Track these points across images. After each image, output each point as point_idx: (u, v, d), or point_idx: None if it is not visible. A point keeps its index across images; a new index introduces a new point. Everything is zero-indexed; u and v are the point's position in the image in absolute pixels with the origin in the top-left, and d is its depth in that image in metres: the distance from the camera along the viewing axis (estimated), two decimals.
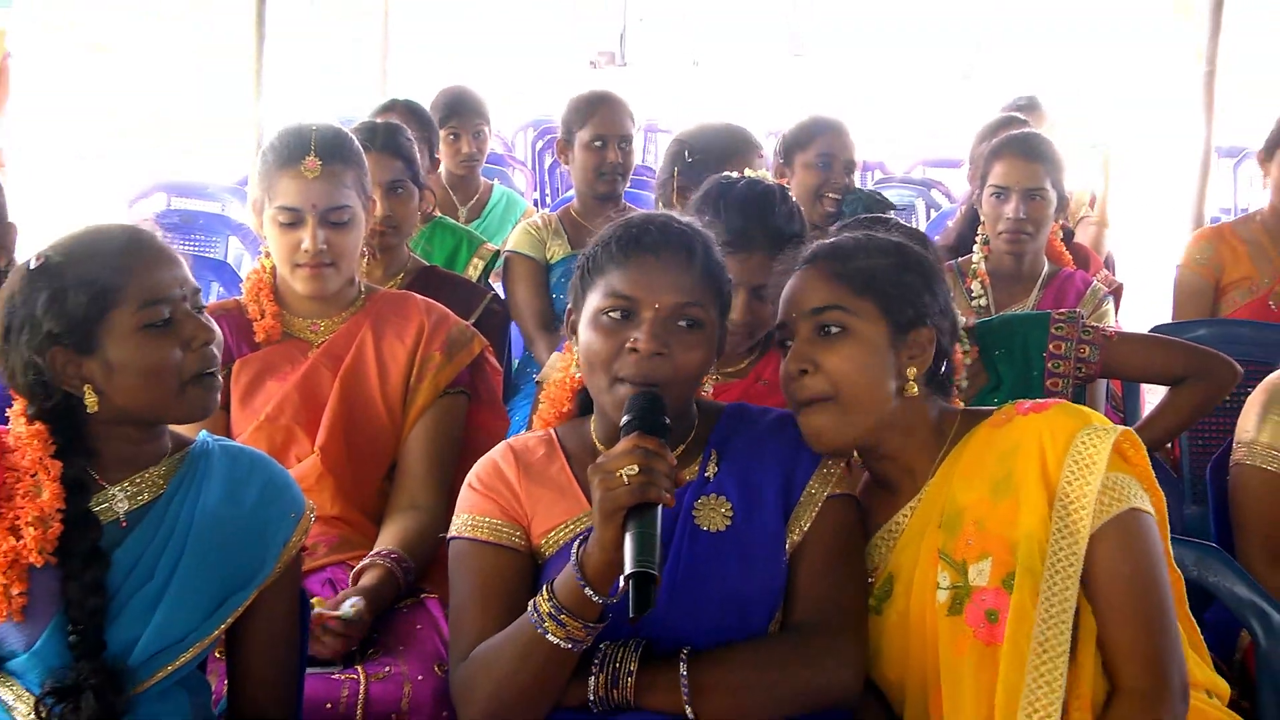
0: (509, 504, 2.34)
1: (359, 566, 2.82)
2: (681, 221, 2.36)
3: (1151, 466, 2.29)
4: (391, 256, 3.89)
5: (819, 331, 2.30)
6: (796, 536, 2.29)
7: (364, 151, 3.21)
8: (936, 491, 2.31)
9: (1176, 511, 2.96)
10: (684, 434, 2.36)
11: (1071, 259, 4.54)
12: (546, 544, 2.32)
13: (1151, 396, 4.06)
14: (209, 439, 2.34)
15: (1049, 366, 3.32)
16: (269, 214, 3.05)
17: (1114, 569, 2.16)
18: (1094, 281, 4.20)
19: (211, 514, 2.23)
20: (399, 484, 3.06)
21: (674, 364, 2.22)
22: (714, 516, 2.28)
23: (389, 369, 3.08)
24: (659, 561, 1.98)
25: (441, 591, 2.71)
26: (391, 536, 2.91)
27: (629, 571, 1.96)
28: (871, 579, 2.35)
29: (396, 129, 3.99)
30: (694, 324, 2.26)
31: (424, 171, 4.10)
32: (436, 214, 4.65)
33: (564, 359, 2.52)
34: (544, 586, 2.13)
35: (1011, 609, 2.14)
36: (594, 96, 4.79)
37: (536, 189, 8.47)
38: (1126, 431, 2.24)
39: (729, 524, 2.27)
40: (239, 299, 3.17)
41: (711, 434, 2.38)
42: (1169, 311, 4.74)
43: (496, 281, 4.54)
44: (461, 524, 2.35)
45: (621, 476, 2.01)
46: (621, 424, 2.14)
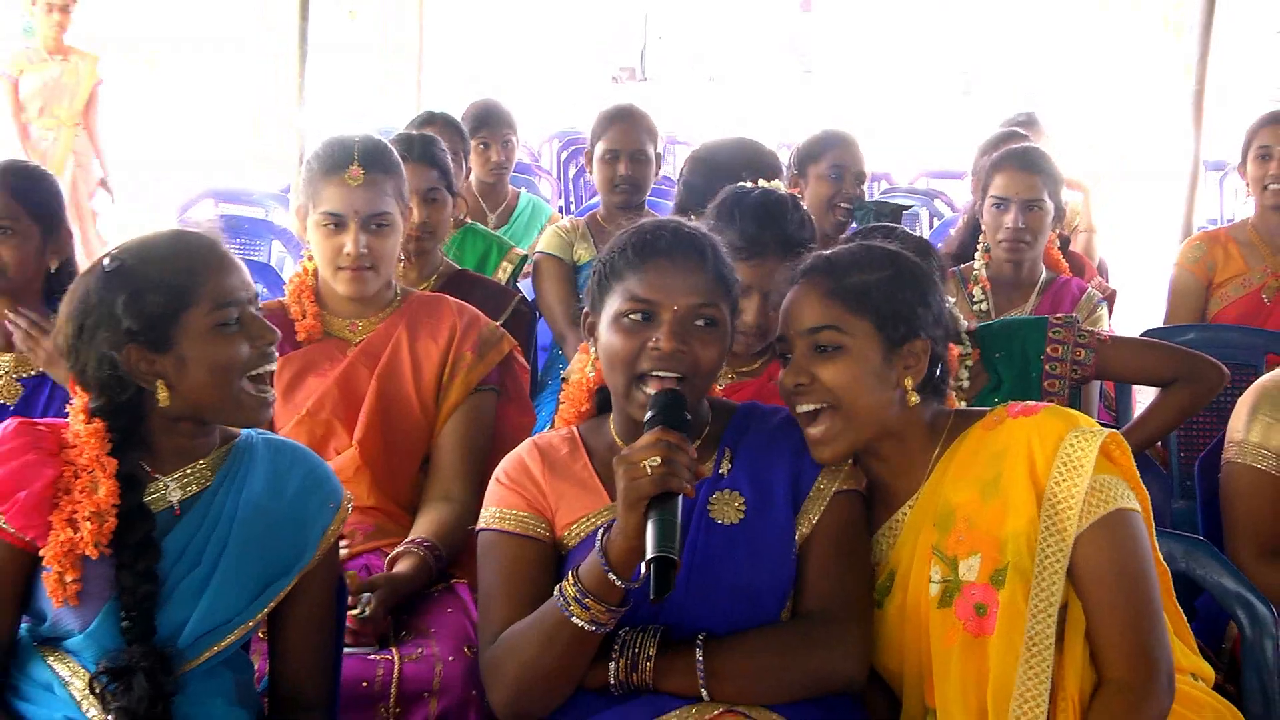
0: (534, 498, 2.35)
1: (394, 553, 2.82)
2: (691, 226, 2.37)
3: (1142, 463, 2.27)
4: (426, 260, 3.89)
5: (815, 349, 2.29)
6: (805, 529, 2.29)
7: (401, 161, 3.20)
8: (932, 491, 2.30)
9: (1165, 506, 2.96)
10: (699, 430, 2.36)
11: (1068, 267, 4.54)
12: (569, 536, 2.32)
13: (1143, 397, 4.04)
14: (253, 433, 2.34)
15: (1046, 368, 3.31)
16: (313, 219, 3.05)
17: (1102, 566, 2.15)
18: (1089, 288, 4.18)
19: (255, 504, 2.23)
20: (432, 476, 3.06)
21: (694, 360, 2.23)
22: (728, 510, 2.28)
23: (423, 367, 3.08)
24: (679, 548, 1.98)
25: (471, 577, 2.70)
26: (425, 526, 2.91)
27: (650, 556, 1.97)
28: (875, 574, 2.34)
29: (431, 140, 3.99)
30: (710, 322, 2.27)
31: (456, 180, 4.09)
32: (468, 220, 4.65)
33: (580, 360, 2.52)
34: (569, 573, 2.14)
35: (1002, 606, 2.13)
36: (612, 112, 4.79)
37: (561, 196, 8.48)
38: (1113, 434, 2.22)
39: (742, 518, 2.28)
40: (282, 300, 3.16)
41: (725, 432, 2.38)
42: (1160, 316, 4.75)
43: (525, 280, 4.54)
44: (489, 516, 2.35)
45: (645, 467, 2.02)
46: (645, 420, 2.15)
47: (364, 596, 2.63)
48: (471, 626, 2.67)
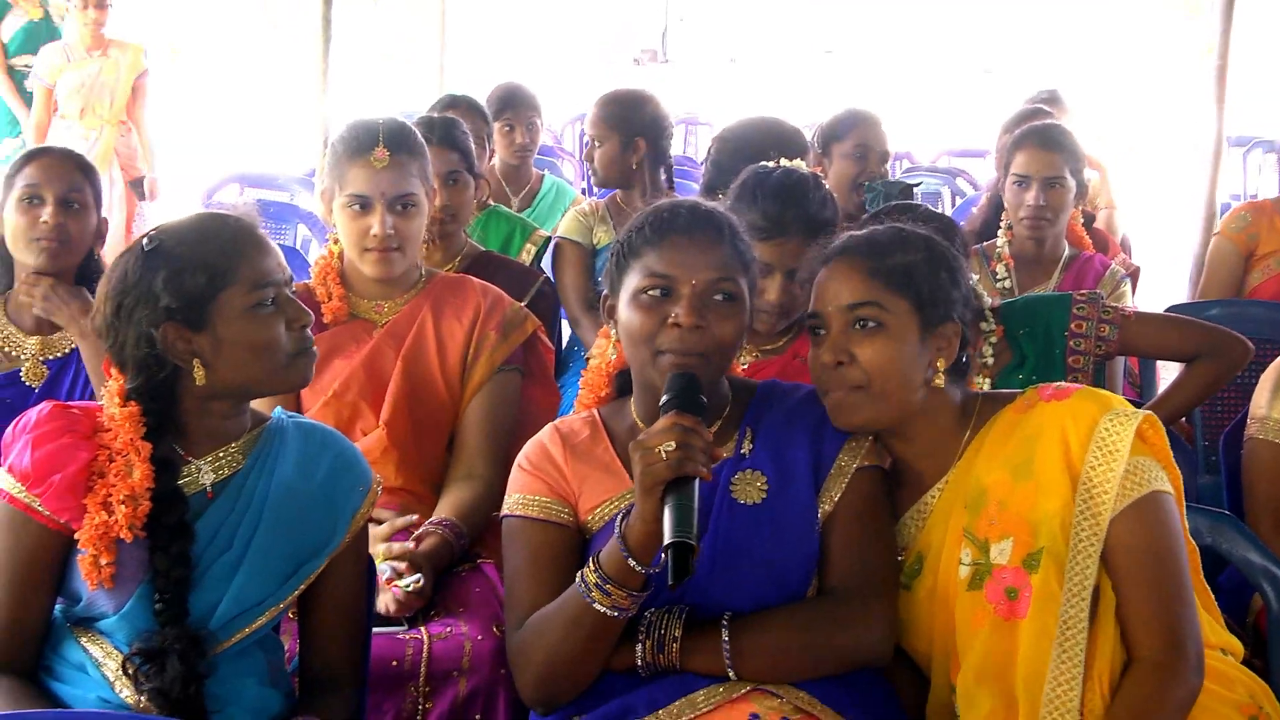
0: (557, 482, 2.34)
1: (418, 533, 2.83)
2: (708, 205, 2.36)
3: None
4: (450, 243, 3.88)
5: (854, 325, 2.28)
6: (828, 507, 2.28)
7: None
8: (963, 473, 2.29)
9: (1190, 481, 2.94)
10: (719, 411, 2.35)
11: (1091, 243, 4.49)
12: (593, 519, 2.32)
13: (1167, 373, 4.01)
14: (284, 415, 2.35)
15: (1071, 345, 3.29)
16: (339, 202, 3.05)
17: (1135, 548, 2.15)
18: (1112, 264, 4.16)
19: (286, 486, 2.24)
20: (457, 455, 3.06)
21: (713, 336, 2.22)
22: (750, 490, 2.27)
23: (448, 347, 3.08)
24: (697, 532, 1.98)
25: (498, 557, 2.70)
26: (448, 506, 2.91)
27: (668, 542, 1.96)
28: (903, 557, 2.33)
29: (453, 123, 3.98)
30: (729, 297, 2.26)
31: (479, 162, 4.09)
32: (491, 203, 4.65)
33: (600, 344, 2.52)
34: (590, 559, 2.14)
35: (1036, 590, 2.13)
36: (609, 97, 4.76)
37: (584, 179, 8.45)
38: (1148, 415, 2.21)
39: (764, 497, 2.27)
40: (308, 282, 3.16)
41: (746, 412, 2.37)
42: (1184, 293, 4.69)
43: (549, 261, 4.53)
44: (513, 503, 2.35)
45: (660, 452, 2.01)
46: (660, 404, 2.15)
47: (416, 576, 2.64)
48: (499, 605, 2.67)
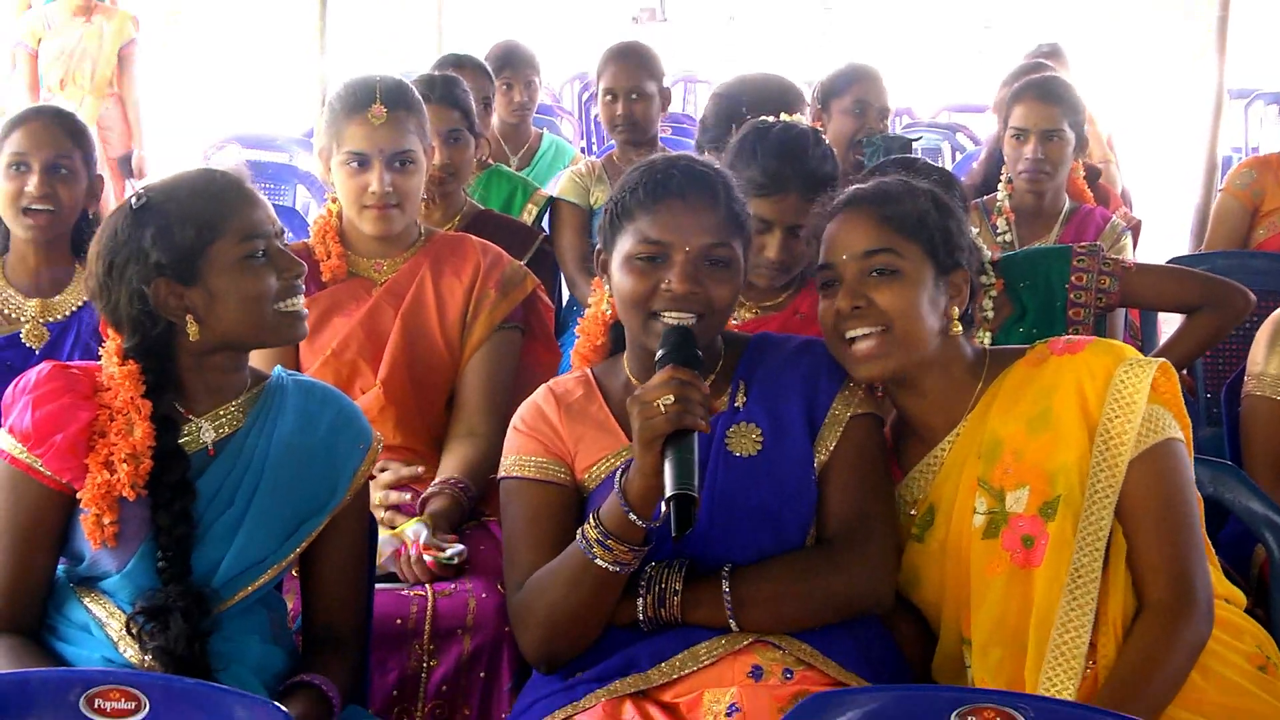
0: (552, 442, 2.33)
1: (426, 494, 2.82)
2: (702, 163, 2.34)
3: None
4: (449, 202, 3.87)
5: (870, 274, 2.26)
6: (824, 456, 2.28)
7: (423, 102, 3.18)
8: (975, 425, 2.28)
9: (1193, 433, 2.93)
10: (712, 365, 2.33)
11: (1093, 196, 4.47)
12: (590, 478, 2.31)
13: (1168, 325, 4.00)
14: (284, 374, 2.34)
15: (1071, 297, 3.28)
16: (337, 160, 3.03)
17: (1148, 494, 2.15)
18: (1113, 217, 4.14)
19: (286, 444, 2.23)
20: (457, 414, 3.05)
21: (707, 300, 2.21)
22: (745, 443, 2.27)
23: (447, 306, 3.07)
24: (697, 484, 1.98)
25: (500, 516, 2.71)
26: (453, 464, 2.91)
27: (669, 494, 1.96)
28: (913, 511, 2.32)
29: (453, 81, 3.95)
30: (722, 262, 2.24)
31: (479, 121, 4.07)
32: (491, 163, 4.62)
33: (595, 295, 2.51)
34: (590, 515, 2.14)
35: (1051, 538, 2.13)
36: (609, 52, 4.73)
37: (583, 138, 8.42)
38: (1162, 363, 2.21)
39: (760, 449, 2.26)
40: (306, 241, 3.15)
41: (739, 365, 2.36)
42: (1184, 246, 4.67)
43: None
44: (510, 464, 2.35)
45: (659, 406, 2.01)
46: (656, 359, 2.14)
47: (457, 548, 2.66)
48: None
